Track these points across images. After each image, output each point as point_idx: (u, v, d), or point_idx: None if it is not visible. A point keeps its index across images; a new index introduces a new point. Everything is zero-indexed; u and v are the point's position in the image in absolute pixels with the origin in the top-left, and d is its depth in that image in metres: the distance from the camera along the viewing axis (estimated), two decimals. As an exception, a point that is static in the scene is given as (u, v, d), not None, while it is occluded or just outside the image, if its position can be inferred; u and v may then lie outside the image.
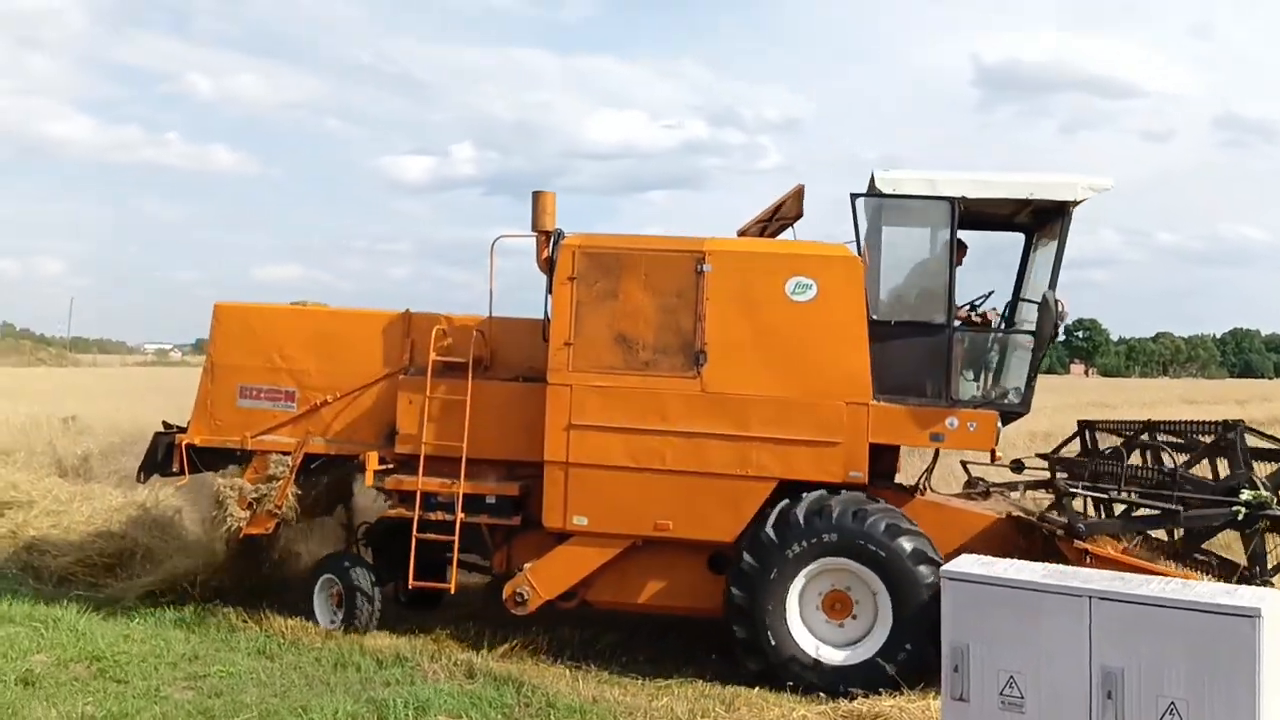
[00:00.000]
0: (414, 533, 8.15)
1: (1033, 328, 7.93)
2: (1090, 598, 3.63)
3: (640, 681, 7.74)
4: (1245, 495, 6.69)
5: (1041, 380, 8.19)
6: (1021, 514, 8.04)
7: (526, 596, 7.99)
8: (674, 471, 7.69)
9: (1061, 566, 3.93)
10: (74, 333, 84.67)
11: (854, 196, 7.72)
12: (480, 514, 8.20)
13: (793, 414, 7.63)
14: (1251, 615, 3.36)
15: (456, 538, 8.15)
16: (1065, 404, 38.95)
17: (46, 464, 14.92)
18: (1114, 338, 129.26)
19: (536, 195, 8.20)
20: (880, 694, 7.21)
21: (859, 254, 7.74)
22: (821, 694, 7.38)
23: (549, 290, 8.08)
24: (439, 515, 8.19)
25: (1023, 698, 3.74)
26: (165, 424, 9.17)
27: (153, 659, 7.81)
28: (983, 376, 8.17)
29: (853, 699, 6.88)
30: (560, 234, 8.10)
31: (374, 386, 8.60)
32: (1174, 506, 6.90)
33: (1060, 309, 7.65)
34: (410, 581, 8.17)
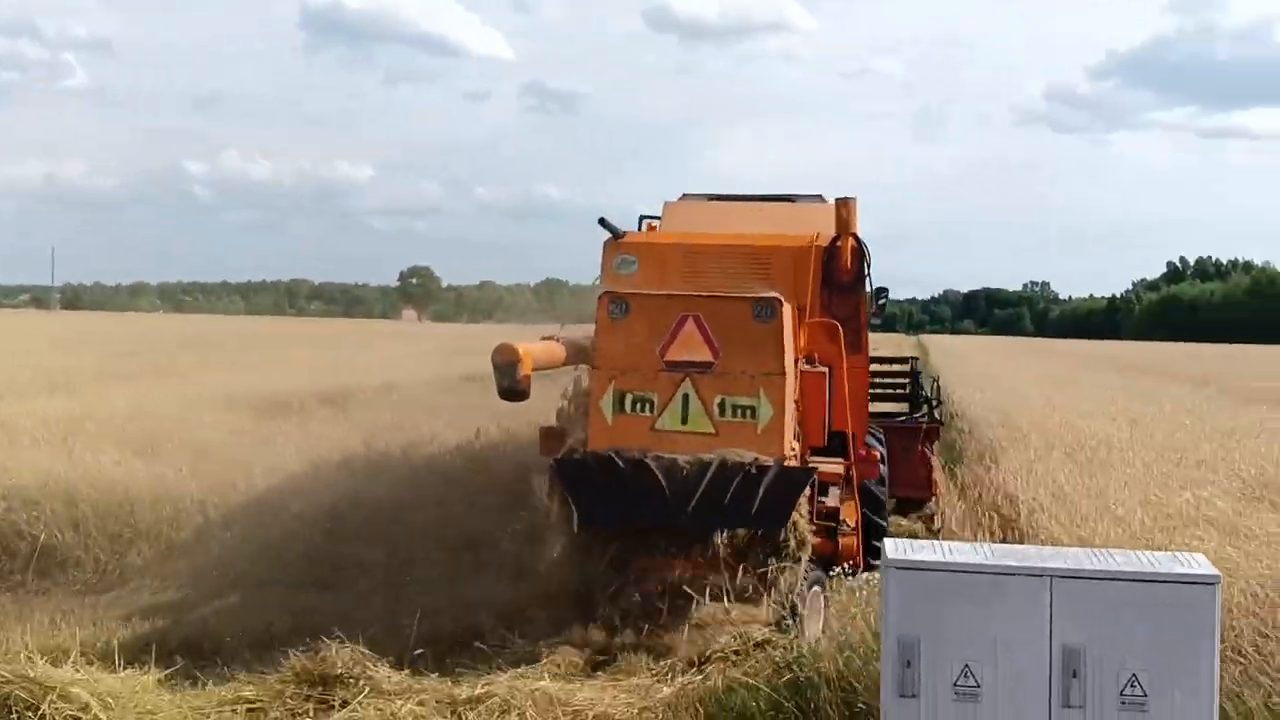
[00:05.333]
0: None
1: None
2: (1051, 577, 3.53)
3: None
4: None
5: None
6: None
7: None
8: None
9: (1015, 547, 3.79)
10: None
11: None
12: None
13: None
14: (1211, 583, 3.48)
15: None
16: (439, 348, 40.11)
17: None
18: (444, 285, 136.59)
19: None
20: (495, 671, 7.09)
21: None
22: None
23: None
24: None
25: (979, 686, 3.56)
26: None
27: None
28: None
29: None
30: None
31: None
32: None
33: None
34: None
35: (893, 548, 3.69)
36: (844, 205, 8.76)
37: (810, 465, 7.54)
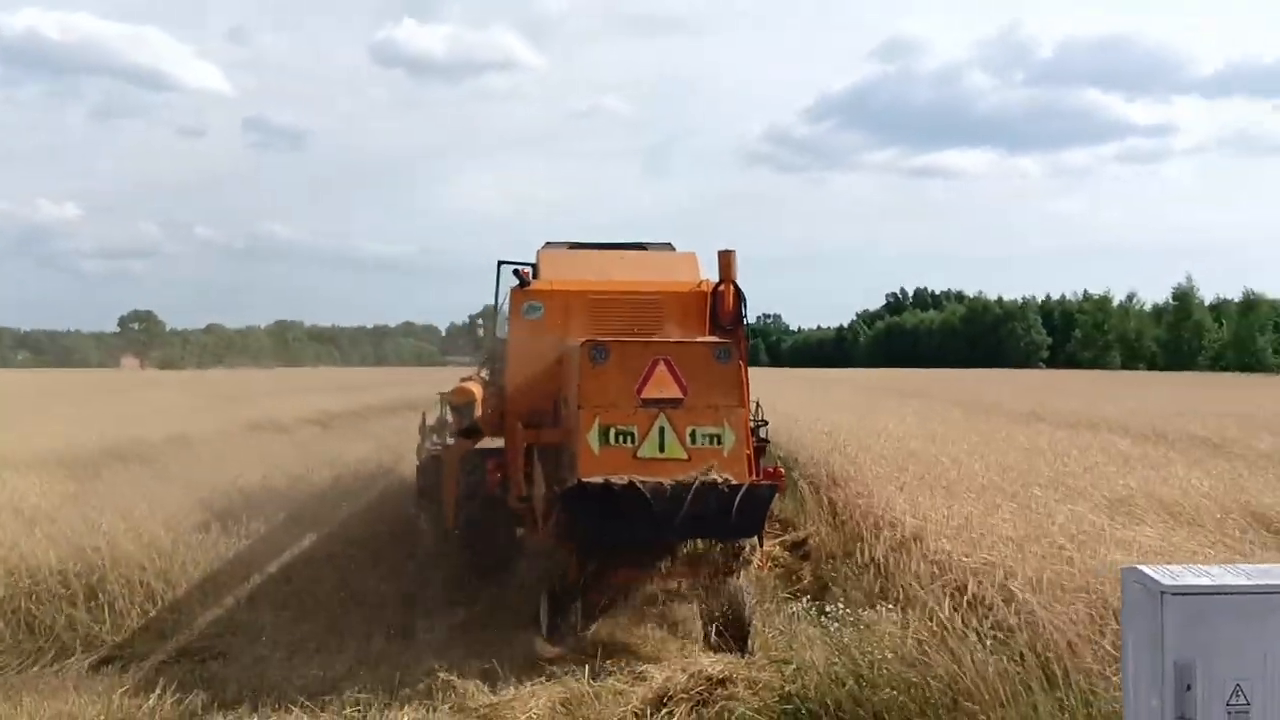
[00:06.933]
0: None
1: None
2: (1310, 590, 3.58)
3: None
4: None
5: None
6: None
7: None
8: None
9: (1270, 566, 3.81)
10: None
11: None
12: None
13: None
14: None
15: None
16: (188, 395, 37.44)
17: None
18: (168, 329, 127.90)
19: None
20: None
21: None
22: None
23: None
24: None
25: (1249, 704, 3.56)
26: None
27: None
28: None
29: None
30: None
31: None
32: None
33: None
34: None
35: (1162, 574, 3.66)
36: (725, 256, 9.67)
37: (773, 483, 8.33)
